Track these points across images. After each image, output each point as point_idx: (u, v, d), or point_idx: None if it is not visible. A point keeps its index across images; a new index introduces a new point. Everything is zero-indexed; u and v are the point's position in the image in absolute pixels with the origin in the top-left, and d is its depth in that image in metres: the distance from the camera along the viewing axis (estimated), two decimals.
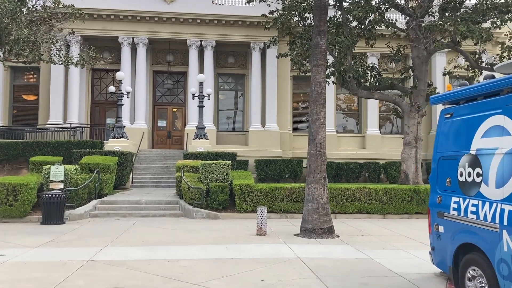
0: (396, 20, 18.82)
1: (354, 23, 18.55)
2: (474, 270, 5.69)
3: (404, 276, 6.96)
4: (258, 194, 13.81)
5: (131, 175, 19.26)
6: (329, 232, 10.35)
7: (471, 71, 20.29)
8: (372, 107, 26.06)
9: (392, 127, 27.59)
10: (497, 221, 5.20)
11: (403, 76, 19.85)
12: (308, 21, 19.51)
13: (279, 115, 24.25)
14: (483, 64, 19.37)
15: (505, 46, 18.07)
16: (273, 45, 21.05)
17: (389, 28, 19.08)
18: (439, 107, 25.59)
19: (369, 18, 18.07)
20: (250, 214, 13.53)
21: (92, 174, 14.74)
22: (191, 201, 14.07)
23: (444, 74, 22.55)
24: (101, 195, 15.25)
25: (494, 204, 5.31)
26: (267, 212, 13.36)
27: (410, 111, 18.40)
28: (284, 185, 14.07)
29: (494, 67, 6.30)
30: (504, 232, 5.07)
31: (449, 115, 6.50)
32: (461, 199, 5.99)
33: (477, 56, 19.32)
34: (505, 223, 5.07)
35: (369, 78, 19.26)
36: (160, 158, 21.77)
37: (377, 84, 18.72)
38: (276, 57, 21.35)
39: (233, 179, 14.85)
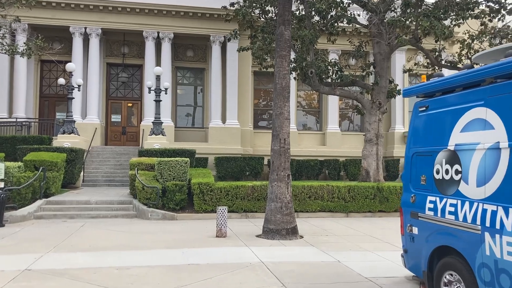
0: (358, 15, 18.54)
1: (317, 18, 18.17)
2: (451, 275, 5.26)
3: (375, 281, 6.49)
4: (218, 193, 13.13)
5: (81, 173, 18.09)
6: (292, 232, 9.82)
7: (431, 68, 20.39)
8: (333, 104, 25.88)
9: (351, 124, 27.54)
10: (478, 222, 4.78)
11: (364, 73, 19.66)
12: (270, 14, 18.98)
13: (240, 112, 23.61)
14: (443, 62, 19.48)
15: (465, 43, 18.16)
16: (234, 39, 20.39)
17: (351, 24, 18.84)
18: (399, 104, 25.85)
19: (331, 14, 17.74)
20: (210, 214, 12.84)
21: (37, 172, 13.58)
22: (145, 201, 13.21)
23: (405, 71, 22.67)
24: (48, 194, 14.11)
25: (475, 204, 4.88)
26: (227, 212, 12.72)
27: (372, 108, 18.22)
28: (246, 183, 13.46)
29: (472, 58, 5.92)
30: (486, 234, 4.64)
31: (424, 108, 6.05)
32: (437, 199, 5.56)
33: (436, 53, 19.41)
34: (487, 224, 4.65)
35: (330, 74, 18.96)
36: (114, 155, 20.65)
37: (339, 80, 18.43)
38: (237, 50, 20.67)
39: (192, 178, 14.10)
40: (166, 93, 20.37)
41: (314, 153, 24.65)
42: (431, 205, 5.66)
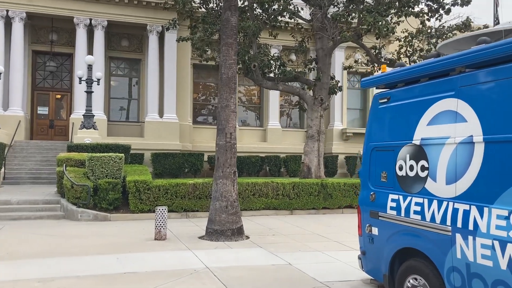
0: (302, 9, 18.30)
1: (259, 10, 17.66)
2: (416, 279, 4.89)
3: (331, 286, 6.03)
4: (156, 192, 12.23)
5: (2, 169, 16.38)
6: (238, 233, 9.22)
7: (371, 66, 20.61)
8: (273, 100, 25.57)
9: (291, 121, 27.41)
10: (448, 223, 4.41)
11: (307, 68, 19.44)
12: (211, 4, 18.22)
13: (178, 106, 22.60)
14: (382, 60, 19.70)
15: (407, 39, 18.42)
16: (173, 28, 19.41)
17: (294, 19, 18.56)
18: (338, 101, 26.01)
19: (274, 7, 17.33)
20: (147, 214, 11.93)
21: None
22: (75, 201, 12.04)
23: (345, 68, 22.79)
24: None
25: (445, 203, 4.51)
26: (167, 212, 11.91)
27: (314, 104, 18.05)
28: (186, 180, 12.67)
29: (437, 46, 5.59)
30: (458, 236, 4.28)
31: (385, 100, 5.65)
32: (400, 197, 5.17)
33: (376, 51, 19.60)
34: (459, 225, 4.29)
35: (273, 68, 18.58)
36: (40, 151, 18.97)
37: (282, 75, 18.08)
38: (176, 41, 19.68)
39: (127, 175, 13.08)
40: (98, 84, 18.99)
41: (255, 150, 24.21)
42: (394, 204, 5.26)
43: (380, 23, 14.54)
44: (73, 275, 6.37)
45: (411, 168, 5.05)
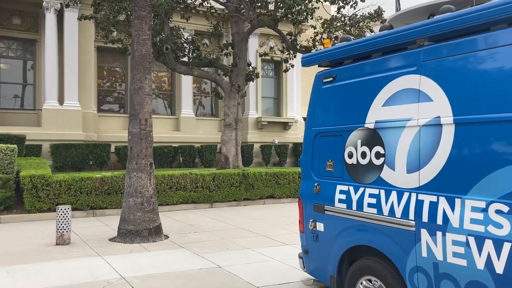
0: None
1: None
2: (370, 281, 4.32)
3: None
4: (57, 188, 10.69)
5: None
6: (156, 232, 8.17)
7: (286, 53, 20.27)
8: (186, 87, 24.35)
9: (205, 109, 26.42)
10: (411, 216, 3.86)
11: (223, 53, 18.60)
12: None
13: (81, 92, 20.53)
14: (298, 47, 19.45)
15: (325, 26, 18.24)
16: (74, 5, 17.40)
17: (207, 2, 17.59)
18: (253, 89, 25.49)
19: None
20: (47, 214, 10.38)
21: None
22: None
23: (260, 55, 22.31)
24: None
25: (406, 195, 3.96)
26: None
27: (231, 91, 17.29)
28: (93, 174, 11.26)
29: (388, 19, 5.03)
30: (423, 231, 3.75)
31: (330, 79, 4.99)
32: (351, 188, 4.56)
33: (292, 37, 19.31)
34: (424, 219, 3.75)
35: (187, 52, 17.47)
36: None
37: (197, 60, 17.03)
38: (78, 19, 17.67)
39: (21, 169, 11.32)
40: None
41: (168, 139, 22.87)
42: (343, 196, 4.64)
43: (299, 6, 14.08)
44: None
45: (363, 155, 4.45)
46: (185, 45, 17.34)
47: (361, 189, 4.43)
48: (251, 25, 16.54)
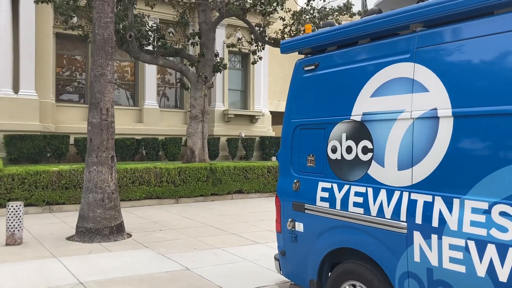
0: None
1: None
2: (355, 286, 3.98)
3: None
4: (9, 182, 9.90)
5: None
6: (118, 231, 7.61)
7: (255, 45, 19.85)
8: (150, 77, 23.55)
9: (169, 100, 25.66)
10: (403, 217, 3.53)
11: (190, 43, 17.97)
12: None
13: (38, 80, 19.42)
14: (267, 39, 19.07)
15: (295, 16, 17.89)
16: None
17: None
18: (219, 80, 24.93)
19: None
20: None
21: None
22: None
23: (228, 46, 21.82)
24: None
25: (397, 194, 3.63)
26: (24, 206, 9.73)
27: (197, 82, 16.72)
28: (49, 167, 10.50)
29: (374, 3, 4.68)
30: (416, 234, 3.43)
31: (311, 67, 4.60)
32: (335, 186, 4.20)
33: (261, 29, 18.92)
34: (418, 221, 3.43)
35: (152, 40, 16.75)
36: None
37: (162, 49, 16.34)
38: (34, 2, 16.58)
39: None
40: None
41: (130, 131, 22.04)
42: (325, 194, 4.28)
43: None
44: None
45: (349, 150, 4.09)
46: (149, 33, 16.62)
47: (346, 187, 4.08)
48: (219, 14, 16.02)
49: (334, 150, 4.24)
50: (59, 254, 6.55)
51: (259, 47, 19.69)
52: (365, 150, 3.93)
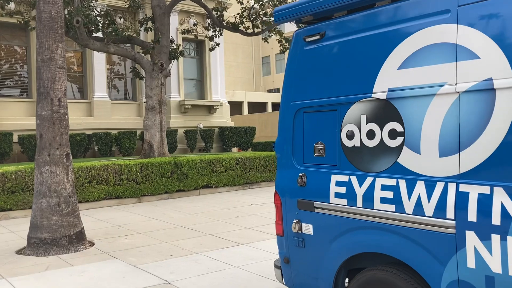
0: None
1: None
2: None
3: None
4: None
5: None
6: (78, 239, 6.58)
7: (212, 30, 18.92)
8: (99, 68, 22.04)
9: (120, 92, 24.20)
10: (450, 214, 2.87)
11: (143, 29, 16.79)
12: None
13: None
14: (224, 23, 18.20)
15: None
16: None
17: None
18: (174, 70, 23.75)
19: None
20: None
21: None
22: None
23: (183, 32, 20.75)
24: None
25: (440, 185, 2.96)
26: None
27: (153, 70, 15.63)
28: None
29: None
30: (470, 234, 2.78)
31: (316, 38, 3.84)
32: (354, 179, 3.49)
33: (218, 13, 18.02)
34: (471, 218, 2.78)
35: (101, 26, 15.44)
36: None
37: (113, 34, 15.07)
38: None
39: None
40: None
41: (80, 126, 20.54)
42: (341, 189, 3.56)
43: None
44: None
45: (371, 134, 3.38)
46: (98, 18, 15.30)
47: (369, 180, 3.37)
48: None
49: (350, 136, 3.52)
50: (8, 273, 5.49)
51: (217, 33, 18.77)
52: (393, 134, 3.23)
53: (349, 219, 3.47)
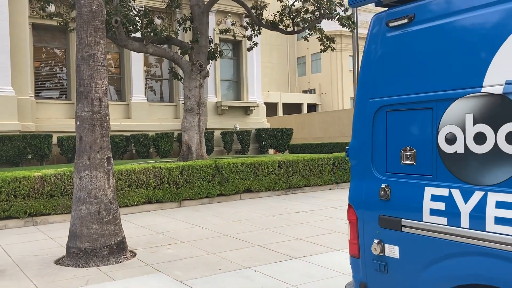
0: None
1: None
2: None
3: None
4: None
5: None
6: (119, 249, 6.14)
7: (250, 29, 18.41)
8: (137, 69, 21.95)
9: (157, 94, 24.04)
10: None
11: (181, 28, 16.43)
12: None
13: (15, 75, 17.71)
14: (264, 22, 17.67)
15: None
16: None
17: None
18: (211, 71, 23.42)
19: None
20: None
21: None
22: None
23: (221, 32, 20.39)
24: None
25: None
26: (2, 219, 8.30)
27: (192, 70, 15.23)
28: (31, 172, 8.94)
29: None
30: None
31: (402, 22, 3.20)
32: (456, 192, 2.84)
33: (258, 11, 17.54)
34: None
35: (140, 26, 15.17)
36: None
37: (152, 34, 14.78)
38: None
39: None
40: None
41: (118, 128, 20.42)
42: (439, 205, 2.91)
43: None
44: None
45: (480, 138, 2.72)
46: (137, 18, 15.04)
47: (478, 194, 2.72)
48: None
49: (451, 140, 2.87)
50: (47, 286, 5.08)
51: (255, 32, 18.26)
52: (511, 138, 2.57)
53: (451, 243, 2.83)
